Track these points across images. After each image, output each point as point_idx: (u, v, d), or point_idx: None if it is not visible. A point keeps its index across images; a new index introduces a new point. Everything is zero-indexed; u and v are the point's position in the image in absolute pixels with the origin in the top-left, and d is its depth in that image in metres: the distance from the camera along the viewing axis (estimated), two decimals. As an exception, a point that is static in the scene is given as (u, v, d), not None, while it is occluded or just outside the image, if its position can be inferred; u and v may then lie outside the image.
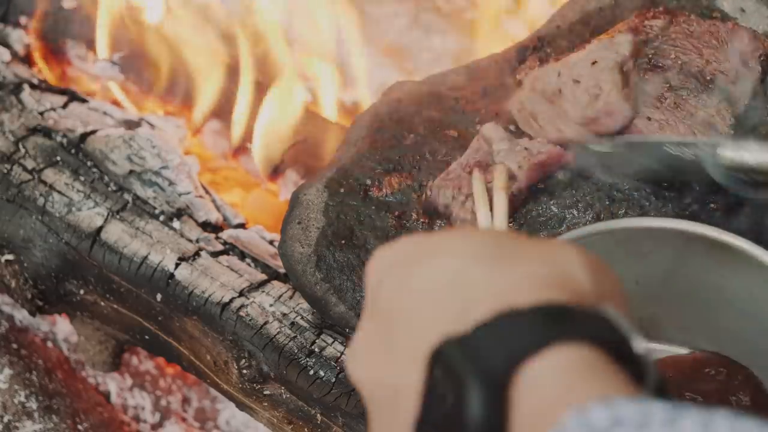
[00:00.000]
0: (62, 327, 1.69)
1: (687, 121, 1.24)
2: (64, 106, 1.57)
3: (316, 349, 1.29)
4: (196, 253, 1.40)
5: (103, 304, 1.45)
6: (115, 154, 1.49)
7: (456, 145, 1.33)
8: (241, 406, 1.39)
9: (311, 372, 1.28)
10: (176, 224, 1.43)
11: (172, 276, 1.38)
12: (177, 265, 1.38)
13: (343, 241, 1.26)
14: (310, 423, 1.31)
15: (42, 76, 1.66)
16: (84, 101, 1.60)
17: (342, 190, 1.30)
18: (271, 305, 1.33)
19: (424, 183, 1.30)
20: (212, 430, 1.64)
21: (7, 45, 1.68)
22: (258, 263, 1.40)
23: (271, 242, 1.44)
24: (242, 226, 1.48)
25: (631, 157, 1.20)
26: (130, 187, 1.46)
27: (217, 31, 1.75)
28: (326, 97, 1.69)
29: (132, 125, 1.55)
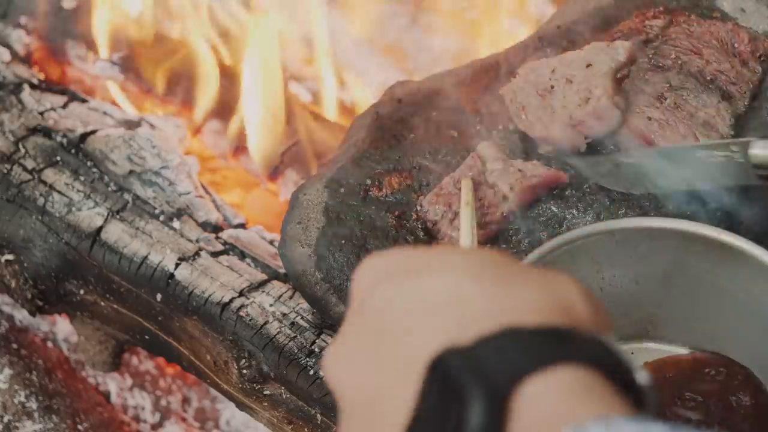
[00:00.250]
0: (62, 327, 1.69)
1: (687, 121, 1.24)
2: (64, 106, 1.57)
3: (316, 349, 1.29)
4: (196, 253, 1.40)
5: (103, 304, 1.45)
6: (115, 154, 1.49)
7: (456, 145, 1.33)
8: (241, 406, 1.39)
9: (311, 372, 1.28)
10: (176, 224, 1.43)
11: (172, 276, 1.38)
12: (177, 265, 1.38)
13: (343, 241, 1.26)
14: (310, 423, 1.31)
15: (42, 76, 1.66)
16: (84, 101, 1.60)
17: (342, 190, 1.30)
18: (271, 305, 1.33)
19: (424, 183, 1.30)
20: (212, 430, 1.64)
21: (7, 45, 1.68)
22: (258, 263, 1.40)
23: (271, 242, 1.44)
24: (242, 226, 1.48)
25: (664, 167, 1.20)
26: (130, 187, 1.46)
27: (217, 30, 1.75)
28: (326, 97, 1.69)
29: (132, 125, 1.55)
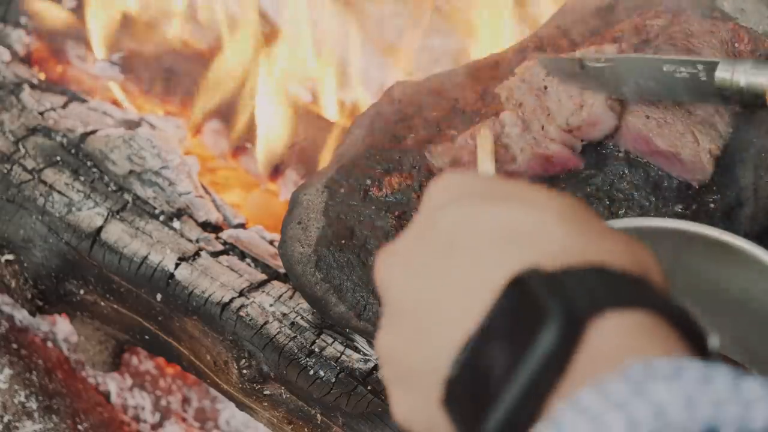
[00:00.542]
0: (62, 327, 1.69)
1: (685, 119, 1.24)
2: (64, 106, 1.57)
3: (316, 349, 1.29)
4: (196, 253, 1.40)
5: (103, 304, 1.45)
6: (115, 154, 1.49)
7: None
8: (241, 406, 1.39)
9: (311, 372, 1.28)
10: (176, 224, 1.43)
11: (172, 276, 1.38)
12: (177, 265, 1.38)
13: (343, 241, 1.26)
14: (310, 423, 1.31)
15: (42, 76, 1.66)
16: (84, 101, 1.60)
17: (342, 190, 1.30)
18: (271, 305, 1.33)
19: (424, 183, 1.30)
20: (212, 430, 1.64)
21: (7, 45, 1.68)
22: (258, 263, 1.40)
23: (271, 242, 1.44)
24: (242, 226, 1.48)
25: (628, 74, 1.22)
26: (130, 187, 1.46)
27: (217, 30, 1.75)
28: (326, 97, 1.69)
29: (132, 125, 1.55)
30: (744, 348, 1.12)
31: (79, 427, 1.55)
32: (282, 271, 1.37)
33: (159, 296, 1.38)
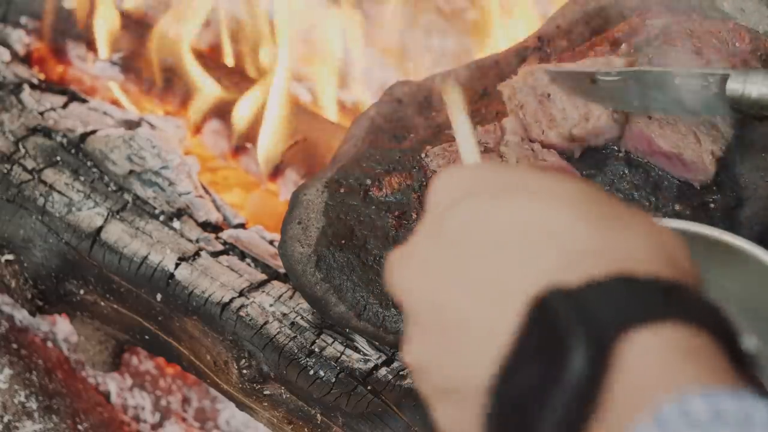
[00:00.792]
0: (62, 327, 1.69)
1: (688, 120, 1.24)
2: (64, 106, 1.57)
3: (316, 349, 1.29)
4: (196, 253, 1.40)
5: (103, 304, 1.45)
6: (115, 154, 1.49)
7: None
8: (241, 406, 1.39)
9: (311, 372, 1.28)
10: (176, 224, 1.43)
11: (172, 276, 1.38)
12: (177, 265, 1.38)
13: (343, 241, 1.26)
14: (310, 423, 1.31)
15: (42, 76, 1.66)
16: (84, 101, 1.60)
17: (342, 190, 1.30)
18: (271, 305, 1.33)
19: (424, 183, 1.30)
20: (212, 430, 1.64)
21: (7, 45, 1.68)
22: (258, 263, 1.40)
23: (271, 242, 1.44)
24: (242, 226, 1.48)
25: (638, 87, 1.20)
26: (130, 187, 1.46)
27: (217, 30, 1.75)
28: (326, 97, 1.69)
29: (132, 125, 1.55)
30: (744, 348, 1.12)
31: (79, 427, 1.55)
32: (282, 271, 1.37)
33: (159, 296, 1.38)
